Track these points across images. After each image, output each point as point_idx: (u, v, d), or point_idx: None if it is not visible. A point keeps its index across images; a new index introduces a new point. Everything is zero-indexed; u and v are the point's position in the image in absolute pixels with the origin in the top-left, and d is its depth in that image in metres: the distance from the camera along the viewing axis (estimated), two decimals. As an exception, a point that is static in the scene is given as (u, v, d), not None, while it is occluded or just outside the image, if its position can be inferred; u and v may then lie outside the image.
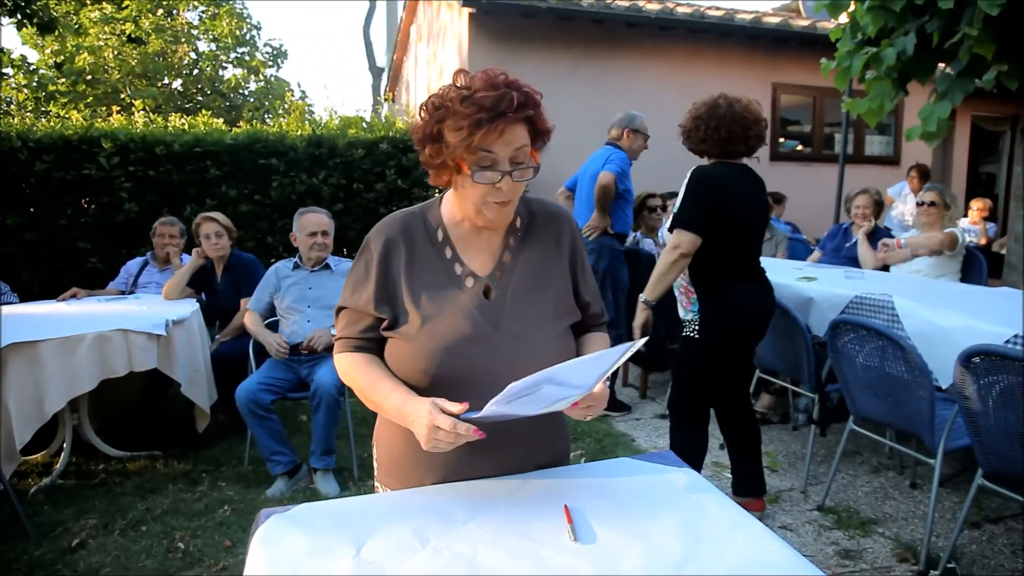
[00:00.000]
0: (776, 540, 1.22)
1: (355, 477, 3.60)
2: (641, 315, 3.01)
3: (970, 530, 2.98)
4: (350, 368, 1.47)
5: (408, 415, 1.33)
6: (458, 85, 1.34)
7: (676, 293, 3.10)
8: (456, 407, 1.27)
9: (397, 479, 1.51)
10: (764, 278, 3.04)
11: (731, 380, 3.09)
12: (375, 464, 1.61)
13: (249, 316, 3.83)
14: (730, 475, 3.55)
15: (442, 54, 9.63)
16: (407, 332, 1.42)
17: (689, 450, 3.07)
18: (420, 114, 1.40)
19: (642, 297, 3.01)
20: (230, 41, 18.12)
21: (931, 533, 2.72)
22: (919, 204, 4.56)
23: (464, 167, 1.34)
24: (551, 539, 1.22)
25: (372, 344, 1.49)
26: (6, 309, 4.20)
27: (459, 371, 1.39)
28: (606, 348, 1.60)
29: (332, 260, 3.86)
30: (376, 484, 1.61)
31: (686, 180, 2.93)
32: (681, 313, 3.10)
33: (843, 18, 5.33)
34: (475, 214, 1.41)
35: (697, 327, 2.94)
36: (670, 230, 2.94)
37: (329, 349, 3.51)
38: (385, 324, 1.45)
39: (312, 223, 3.77)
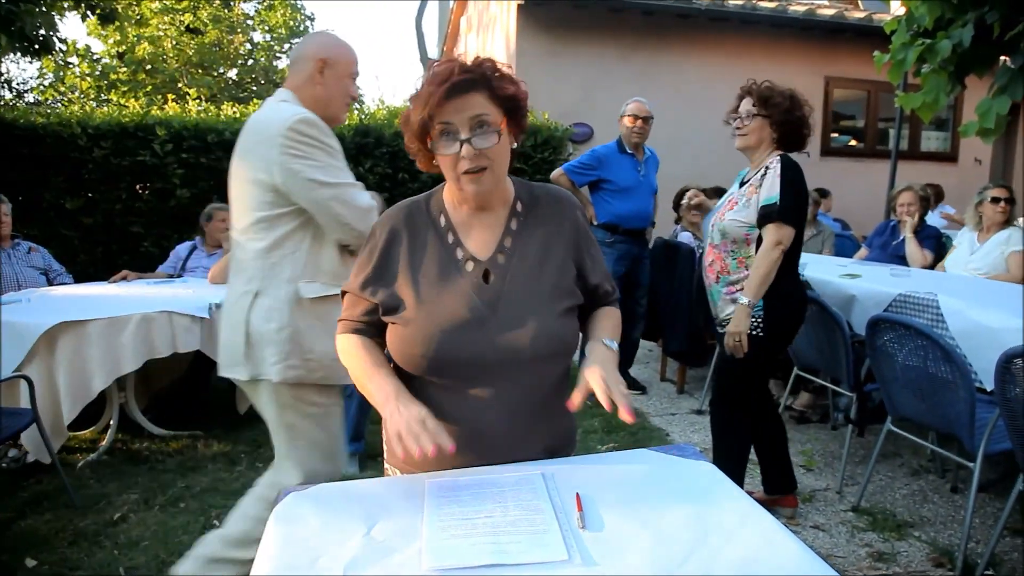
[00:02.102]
0: (786, 535, 1.20)
1: (389, 462, 3.65)
2: (744, 320, 2.70)
3: (1012, 537, 2.89)
4: (348, 349, 1.52)
5: (399, 403, 1.35)
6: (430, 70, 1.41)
7: (726, 288, 2.82)
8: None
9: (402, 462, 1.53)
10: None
11: (769, 375, 3.03)
12: (384, 446, 1.63)
13: None
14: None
15: (491, 45, 9.64)
16: (406, 316, 1.44)
17: (737, 449, 2.99)
18: None
19: (744, 300, 2.68)
20: (284, 32, 18.47)
21: (968, 538, 2.64)
22: (993, 201, 4.33)
23: (430, 142, 1.40)
24: (561, 525, 1.22)
25: (371, 327, 1.53)
26: (59, 289, 4.37)
27: (456, 355, 1.41)
28: (616, 322, 1.62)
29: None
30: (384, 464, 1.64)
31: (778, 170, 2.67)
32: None
33: (900, 9, 5.18)
34: (459, 191, 1.46)
35: (762, 323, 2.76)
36: (759, 224, 2.69)
37: None
38: (383, 310, 1.48)
39: None
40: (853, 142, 9.23)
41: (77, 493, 3.20)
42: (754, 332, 2.76)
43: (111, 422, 3.80)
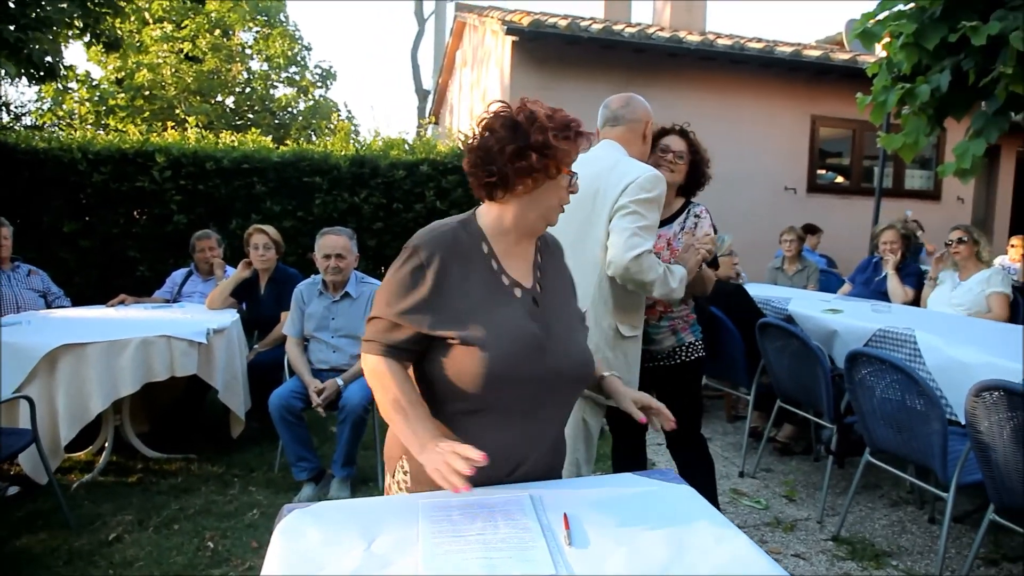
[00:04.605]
0: (759, 554, 1.29)
1: (380, 487, 3.71)
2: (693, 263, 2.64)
3: (987, 567, 2.97)
4: (385, 374, 1.52)
5: (436, 443, 1.42)
6: (535, 110, 1.55)
7: (668, 323, 2.81)
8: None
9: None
10: None
11: None
12: (404, 475, 1.64)
13: (290, 343, 3.91)
14: (749, 503, 3.61)
15: (485, 79, 9.84)
16: (470, 338, 1.50)
17: (710, 477, 2.97)
18: (495, 130, 1.54)
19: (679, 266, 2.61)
20: (282, 61, 18.68)
21: (943, 567, 2.73)
22: (947, 244, 4.53)
23: (565, 172, 1.57)
24: (548, 542, 1.31)
25: (408, 354, 1.55)
26: (58, 312, 4.43)
27: (519, 374, 1.52)
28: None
29: (353, 283, 3.89)
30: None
31: (710, 220, 2.84)
32: (689, 339, 2.83)
33: (883, 53, 5.35)
34: (543, 220, 1.61)
35: (703, 345, 2.88)
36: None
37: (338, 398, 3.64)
38: (436, 336, 1.51)
39: (327, 245, 3.80)
40: (839, 179, 9.44)
41: (72, 513, 3.24)
42: (699, 355, 2.85)
43: (106, 444, 3.85)
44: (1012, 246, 7.34)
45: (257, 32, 18.88)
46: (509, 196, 1.56)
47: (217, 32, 17.40)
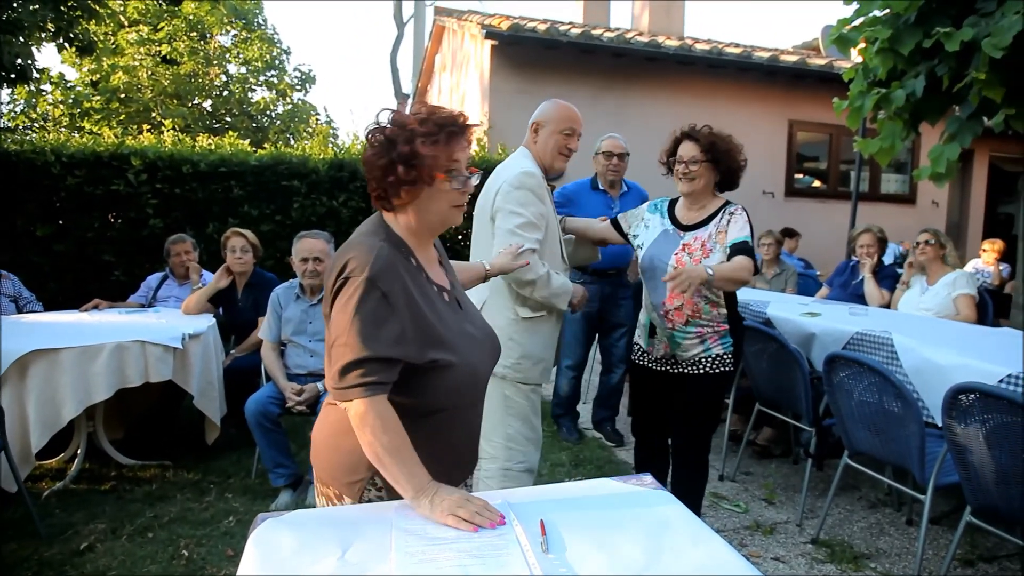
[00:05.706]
0: (735, 555, 1.29)
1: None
2: (699, 280, 2.48)
3: (963, 568, 3.00)
4: (383, 418, 1.43)
5: (439, 490, 1.42)
6: (411, 113, 1.53)
7: (696, 329, 2.77)
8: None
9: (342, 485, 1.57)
10: None
11: None
12: (378, 492, 1.56)
13: (265, 347, 3.86)
14: (729, 506, 3.61)
15: (465, 82, 9.83)
16: (449, 359, 1.52)
17: (700, 487, 2.98)
18: (373, 145, 1.54)
19: (711, 272, 2.51)
20: (260, 64, 18.54)
21: (921, 568, 2.74)
22: (915, 245, 4.60)
23: (440, 176, 1.52)
24: (523, 548, 1.29)
25: (387, 389, 1.45)
26: (30, 317, 4.35)
27: (481, 375, 1.63)
28: None
29: None
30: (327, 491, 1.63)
31: (745, 216, 2.76)
32: (717, 351, 2.78)
33: (859, 58, 5.40)
34: (440, 223, 1.60)
35: (731, 359, 2.82)
36: (733, 255, 2.69)
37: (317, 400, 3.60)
38: (420, 362, 1.48)
39: (304, 249, 3.77)
40: (816, 183, 9.52)
41: (43, 522, 3.17)
42: (725, 369, 2.81)
43: (78, 451, 3.77)
44: (984, 250, 7.44)
45: (235, 35, 18.74)
46: (399, 205, 1.56)
47: (194, 35, 17.26)
